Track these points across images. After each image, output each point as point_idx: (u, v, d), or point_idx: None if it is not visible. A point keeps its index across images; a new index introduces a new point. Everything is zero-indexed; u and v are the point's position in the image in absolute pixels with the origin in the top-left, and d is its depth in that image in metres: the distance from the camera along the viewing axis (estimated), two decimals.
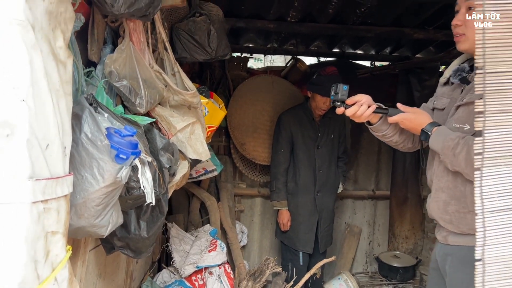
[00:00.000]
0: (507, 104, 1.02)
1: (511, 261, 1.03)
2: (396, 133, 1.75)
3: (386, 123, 1.71)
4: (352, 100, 1.65)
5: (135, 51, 1.73)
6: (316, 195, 3.39)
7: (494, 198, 1.03)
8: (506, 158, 1.02)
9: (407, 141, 1.81)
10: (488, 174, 1.03)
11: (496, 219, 1.03)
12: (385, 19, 3.28)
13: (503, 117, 1.02)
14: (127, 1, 1.57)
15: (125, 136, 1.16)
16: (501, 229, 1.03)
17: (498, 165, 1.02)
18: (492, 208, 1.03)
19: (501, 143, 1.02)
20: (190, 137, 1.77)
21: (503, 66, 1.01)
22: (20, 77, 0.82)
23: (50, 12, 0.94)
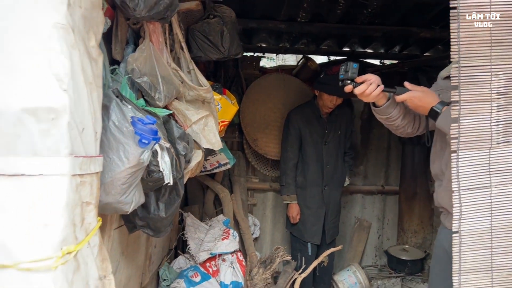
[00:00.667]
0: (479, 94, 1.16)
1: (483, 233, 1.17)
2: (400, 116, 1.77)
3: (392, 106, 1.73)
4: (361, 78, 1.69)
5: (155, 50, 1.91)
6: (323, 189, 3.54)
7: (468, 177, 1.17)
8: (478, 142, 1.17)
9: (408, 126, 1.83)
10: (463, 156, 1.18)
11: (470, 196, 1.18)
12: (391, 18, 3.40)
13: (476, 106, 1.16)
14: (147, 5, 1.75)
15: (147, 124, 1.33)
16: (474, 205, 1.18)
17: (471, 149, 1.17)
18: (467, 186, 1.18)
19: (474, 129, 1.17)
20: (204, 129, 1.95)
21: (475, 60, 1.15)
22: (63, 71, 1.00)
23: (85, 17, 1.12)
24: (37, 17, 0.98)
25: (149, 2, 1.75)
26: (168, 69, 1.95)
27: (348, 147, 3.74)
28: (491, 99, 1.15)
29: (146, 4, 1.74)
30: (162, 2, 1.81)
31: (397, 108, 1.75)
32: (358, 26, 3.50)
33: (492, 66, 1.15)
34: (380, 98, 1.72)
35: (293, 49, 4.24)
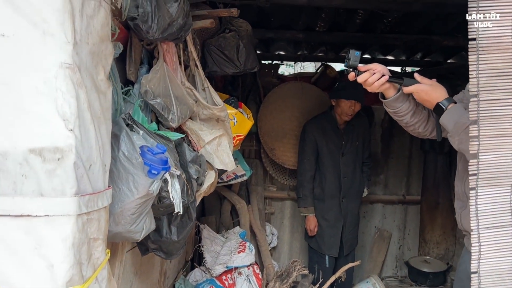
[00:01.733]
0: (499, 129, 1.10)
1: (503, 274, 1.12)
2: (409, 113, 1.65)
3: (400, 100, 1.62)
4: (365, 67, 1.61)
5: (168, 70, 1.90)
6: (341, 201, 3.48)
7: (487, 216, 1.12)
8: (498, 179, 1.11)
9: (419, 125, 1.71)
10: (482, 193, 1.12)
11: (489, 235, 1.12)
12: (413, 27, 3.32)
13: (496, 141, 1.10)
14: (160, 27, 1.74)
15: (156, 154, 1.32)
16: (494, 245, 1.12)
17: (491, 186, 1.11)
18: (486, 225, 1.12)
19: (494, 165, 1.11)
20: (217, 149, 1.93)
21: (495, 94, 1.09)
22: (69, 111, 1.00)
23: (93, 52, 1.11)
24: (44, 57, 0.98)
25: (162, 24, 1.74)
26: (181, 89, 1.94)
27: (366, 157, 3.67)
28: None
29: (159, 26, 1.73)
30: (176, 23, 1.80)
31: (407, 103, 1.64)
32: (378, 35, 3.43)
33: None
34: (387, 89, 1.62)
35: (311, 57, 4.19)
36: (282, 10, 3.07)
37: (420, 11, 2.83)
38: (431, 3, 2.73)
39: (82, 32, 1.05)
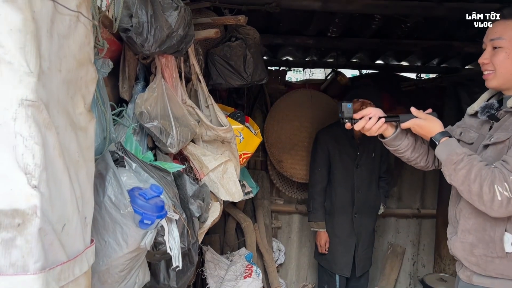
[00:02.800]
0: None
1: None
2: (409, 149, 1.71)
3: (399, 138, 1.68)
4: (359, 114, 1.67)
5: (167, 88, 1.67)
6: (354, 217, 3.23)
7: None
8: None
9: (420, 159, 1.76)
10: None
11: None
12: (432, 33, 3.07)
13: None
14: (157, 40, 1.51)
15: (150, 199, 1.09)
16: None
17: None
18: None
19: None
20: (223, 177, 1.69)
21: None
22: (33, 162, 0.76)
23: (68, 81, 0.88)
24: (0, 94, 0.74)
25: (159, 36, 1.51)
26: (182, 108, 1.71)
27: (384, 171, 3.41)
28: None
29: (156, 39, 1.50)
30: (175, 34, 1.57)
31: (405, 141, 1.69)
32: (394, 40, 3.18)
33: None
34: (386, 129, 1.67)
35: (321, 63, 3.94)
36: (292, 15, 2.83)
37: (443, 16, 2.58)
38: (456, 8, 2.49)
39: (52, 57, 0.81)
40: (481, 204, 1.37)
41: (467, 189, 1.38)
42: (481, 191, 1.34)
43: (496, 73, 1.52)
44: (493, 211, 1.35)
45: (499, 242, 1.43)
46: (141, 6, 1.49)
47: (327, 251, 3.23)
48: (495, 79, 1.53)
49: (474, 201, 1.39)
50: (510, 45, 1.48)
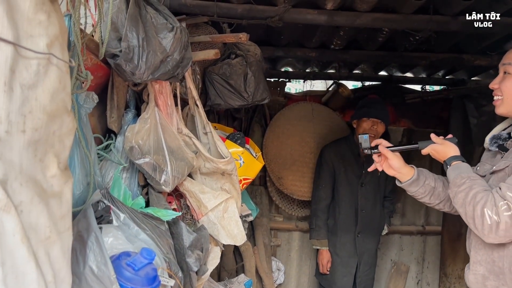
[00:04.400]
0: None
1: None
2: (427, 195, 1.72)
3: (415, 185, 1.70)
4: (374, 142, 1.78)
5: (161, 117, 1.48)
6: (356, 236, 3.11)
7: None
8: None
9: (443, 204, 1.75)
10: None
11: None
12: (442, 46, 2.91)
13: None
14: (150, 66, 1.33)
15: (140, 270, 0.91)
16: None
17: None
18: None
19: None
20: (223, 216, 1.51)
21: None
22: None
23: (36, 142, 0.69)
24: None
25: (152, 62, 1.33)
26: (178, 139, 1.52)
27: (389, 191, 3.26)
28: None
29: (148, 65, 1.32)
30: (170, 59, 1.39)
31: (422, 188, 1.71)
32: (400, 53, 3.02)
33: None
34: (403, 175, 1.71)
35: (323, 74, 3.77)
36: (295, 27, 2.65)
37: (457, 30, 2.42)
38: (471, 22, 2.33)
39: (12, 116, 0.63)
40: (474, 228, 1.37)
41: (464, 212, 1.39)
42: (473, 214, 1.35)
43: (504, 99, 1.50)
44: (485, 235, 1.34)
45: (509, 274, 1.39)
46: (132, 28, 1.30)
47: (328, 271, 3.11)
48: (502, 106, 1.51)
49: (470, 224, 1.39)
50: None
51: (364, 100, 3.06)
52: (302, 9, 2.22)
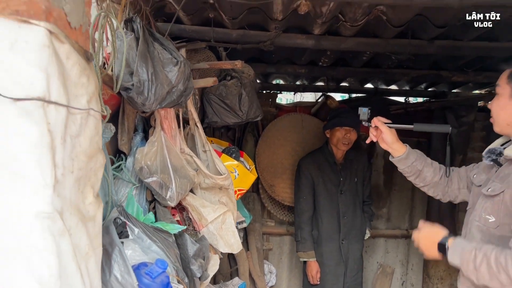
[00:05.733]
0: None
1: None
2: (413, 175, 1.82)
3: (402, 163, 1.80)
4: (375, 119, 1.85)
5: (166, 139, 1.67)
6: (341, 243, 3.21)
7: None
8: None
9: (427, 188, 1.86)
10: None
11: None
12: (422, 63, 3.13)
13: None
14: (158, 97, 1.52)
15: (156, 277, 1.09)
16: None
17: None
18: None
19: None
20: (221, 227, 1.71)
21: None
22: (48, 272, 0.77)
23: (79, 178, 0.88)
24: (13, 206, 0.75)
25: (160, 94, 1.52)
26: (181, 159, 1.71)
27: (367, 196, 3.43)
28: None
29: (157, 97, 1.51)
30: (175, 89, 1.58)
31: (410, 167, 1.80)
32: (384, 70, 3.24)
33: None
34: (394, 150, 1.80)
35: (312, 87, 3.98)
36: (286, 47, 2.85)
37: (434, 53, 2.64)
38: (446, 46, 2.55)
39: (65, 162, 0.82)
40: None
41: (498, 282, 1.29)
42: (509, 279, 1.26)
43: (494, 118, 1.55)
44: None
45: None
46: (141, 64, 1.49)
47: (319, 281, 3.20)
48: (495, 125, 1.55)
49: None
50: (503, 91, 1.49)
51: (336, 111, 3.18)
52: (291, 34, 2.42)
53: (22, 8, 0.74)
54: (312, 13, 2.14)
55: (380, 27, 2.37)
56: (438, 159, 1.95)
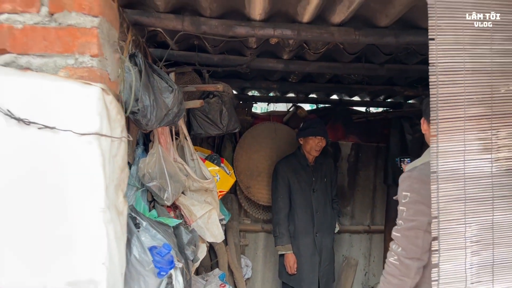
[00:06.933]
0: (454, 243, 1.35)
1: None
2: None
3: None
4: None
5: (163, 151, 2.07)
6: (315, 236, 3.66)
7: None
8: (454, 283, 1.36)
9: None
10: None
11: None
12: (378, 80, 3.62)
13: (452, 253, 1.35)
14: (158, 119, 1.91)
15: (164, 256, 1.50)
16: None
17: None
18: None
19: (451, 272, 1.36)
20: (208, 222, 2.11)
21: (451, 215, 1.34)
22: (101, 249, 1.16)
23: (117, 186, 1.28)
24: (83, 203, 1.14)
25: (159, 116, 1.91)
26: (175, 166, 2.11)
27: (334, 195, 3.90)
28: (465, 246, 1.36)
29: (157, 118, 1.90)
30: (171, 112, 1.98)
31: None
32: (345, 85, 3.71)
33: (466, 219, 1.35)
34: None
35: (283, 99, 4.42)
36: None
37: (384, 75, 3.12)
38: (395, 69, 3.03)
39: (110, 174, 1.22)
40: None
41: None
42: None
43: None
44: None
45: None
46: (145, 92, 1.89)
47: (296, 271, 3.60)
48: None
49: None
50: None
51: (308, 121, 3.60)
52: (264, 58, 2.85)
53: (85, 74, 1.13)
54: (281, 43, 2.57)
55: (338, 53, 2.82)
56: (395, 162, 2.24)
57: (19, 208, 1.10)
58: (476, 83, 1.37)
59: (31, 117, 1.09)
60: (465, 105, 1.35)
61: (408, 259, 1.66)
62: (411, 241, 1.66)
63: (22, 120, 1.08)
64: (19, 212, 1.10)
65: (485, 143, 1.38)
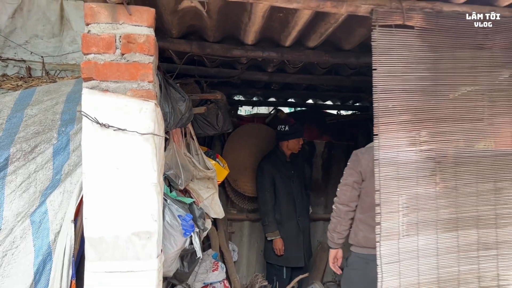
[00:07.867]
0: (390, 208, 1.98)
1: None
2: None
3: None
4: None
5: (176, 147, 2.65)
6: (298, 220, 4.30)
7: (387, 256, 1.99)
8: (392, 235, 1.99)
9: None
10: (384, 244, 1.99)
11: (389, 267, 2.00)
12: (346, 88, 4.28)
13: (389, 215, 1.98)
14: (175, 122, 2.48)
15: (188, 221, 2.08)
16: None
17: (388, 239, 1.99)
18: (386, 262, 2.00)
19: (388, 227, 1.99)
20: (212, 202, 2.70)
21: (390, 188, 1.98)
22: (154, 211, 1.74)
23: (160, 170, 1.85)
24: (143, 180, 1.71)
25: (176, 120, 2.49)
26: (185, 159, 2.69)
27: (307, 184, 4.62)
28: (398, 210, 1.99)
29: (174, 122, 2.48)
30: (184, 117, 2.56)
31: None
32: (319, 93, 4.36)
33: (399, 191, 1.99)
34: None
35: (266, 102, 5.04)
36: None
37: (350, 85, 3.77)
38: (359, 80, 3.68)
39: (158, 161, 1.79)
40: None
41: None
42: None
43: None
44: None
45: None
46: (165, 102, 2.46)
47: (283, 253, 4.21)
48: None
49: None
50: None
51: (293, 126, 4.22)
52: (252, 71, 3.45)
53: (144, 94, 1.71)
54: (266, 60, 3.18)
55: (313, 68, 3.45)
56: None
57: (105, 182, 1.66)
58: (404, 99, 2.00)
59: (109, 122, 1.66)
60: (397, 114, 1.99)
61: (340, 204, 2.64)
62: (343, 193, 2.63)
63: (103, 125, 1.65)
64: (106, 184, 1.66)
65: (412, 140, 2.02)
